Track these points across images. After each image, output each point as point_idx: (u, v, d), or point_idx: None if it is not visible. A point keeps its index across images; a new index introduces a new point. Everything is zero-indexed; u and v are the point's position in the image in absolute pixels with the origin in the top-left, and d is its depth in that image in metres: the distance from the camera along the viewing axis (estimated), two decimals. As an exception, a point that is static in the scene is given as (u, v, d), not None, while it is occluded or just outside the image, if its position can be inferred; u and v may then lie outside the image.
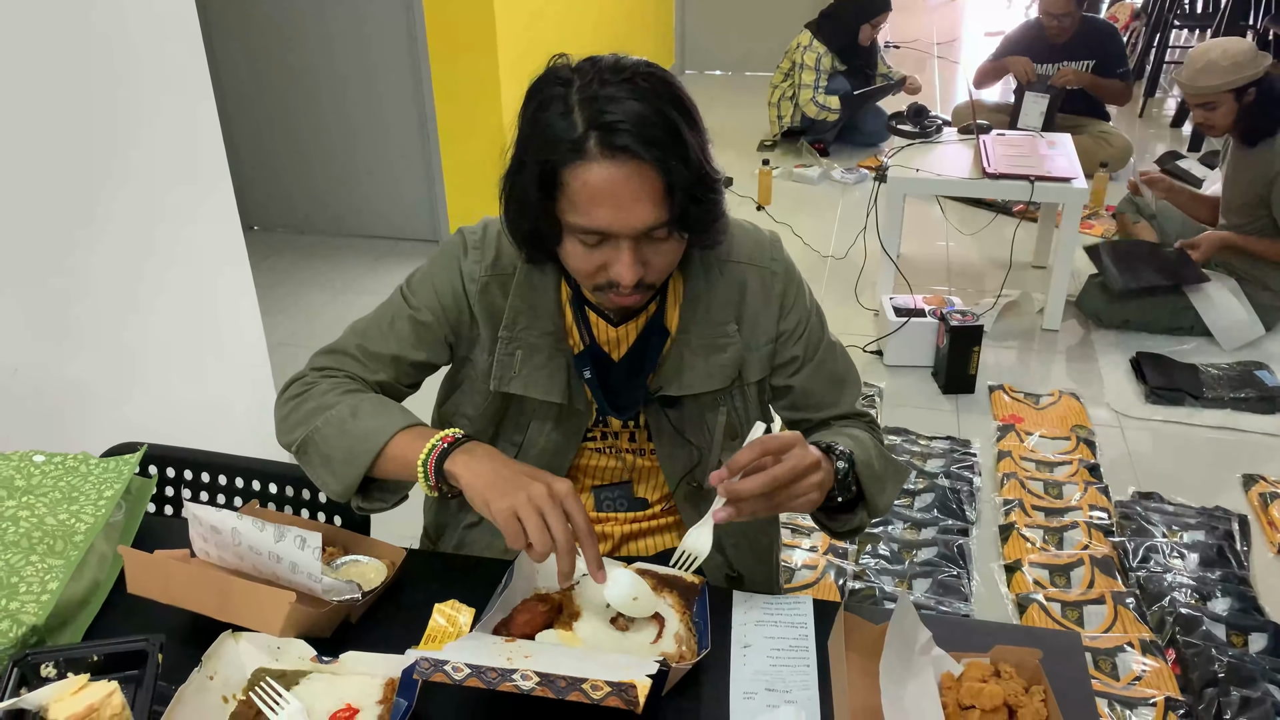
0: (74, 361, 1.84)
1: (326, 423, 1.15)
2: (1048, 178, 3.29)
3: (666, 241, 1.09)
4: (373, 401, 1.18)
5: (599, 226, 1.05)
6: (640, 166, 1.02)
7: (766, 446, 1.05)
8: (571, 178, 1.04)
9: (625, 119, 1.01)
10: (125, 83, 1.87)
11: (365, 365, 1.24)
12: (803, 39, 5.00)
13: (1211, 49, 3.13)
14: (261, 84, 4.12)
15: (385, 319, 1.26)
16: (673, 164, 1.02)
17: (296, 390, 1.22)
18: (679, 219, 1.06)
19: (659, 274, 1.12)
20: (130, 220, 1.92)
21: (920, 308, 3.24)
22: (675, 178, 1.02)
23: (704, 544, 1.10)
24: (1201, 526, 2.46)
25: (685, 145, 1.03)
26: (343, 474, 1.14)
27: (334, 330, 1.30)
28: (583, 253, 1.09)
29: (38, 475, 1.24)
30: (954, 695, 0.98)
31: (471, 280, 1.22)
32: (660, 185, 1.03)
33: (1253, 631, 2.10)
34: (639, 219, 1.04)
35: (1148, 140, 5.39)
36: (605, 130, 1.01)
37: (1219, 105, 3.14)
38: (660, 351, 1.23)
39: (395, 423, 1.13)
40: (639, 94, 1.02)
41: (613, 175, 1.02)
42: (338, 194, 4.32)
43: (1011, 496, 2.59)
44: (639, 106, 1.01)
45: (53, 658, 1.00)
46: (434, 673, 0.90)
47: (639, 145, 1.01)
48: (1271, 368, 3.13)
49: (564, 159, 1.03)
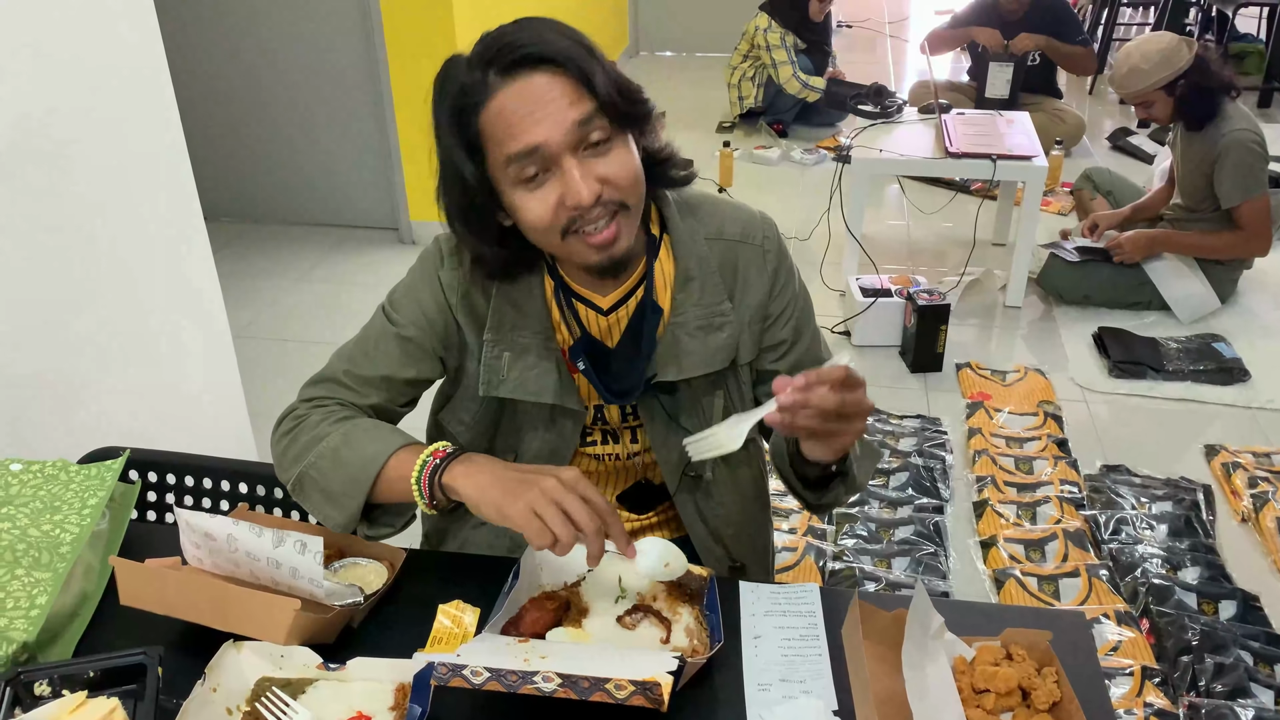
0: (35, 359, 1.78)
1: (320, 456, 1.12)
2: (1009, 156, 3.32)
3: (610, 145, 1.05)
4: (364, 426, 1.15)
5: (529, 144, 1.02)
6: (545, 73, 1.02)
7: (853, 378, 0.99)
8: (487, 118, 1.03)
9: (516, 43, 1.02)
10: (83, 74, 1.80)
11: (355, 391, 1.20)
12: (760, 21, 5.00)
13: (1131, 53, 3.20)
14: (220, 73, 4.02)
15: (370, 341, 1.21)
16: (578, 55, 1.02)
17: (289, 426, 1.18)
18: (606, 109, 1.03)
19: (623, 188, 1.06)
20: (90, 213, 1.86)
21: (886, 288, 3.26)
22: (585, 67, 1.02)
23: (735, 440, 1.04)
24: (1168, 498, 2.51)
25: (587, 46, 1.04)
26: (344, 504, 1.11)
27: (293, 319, 1.27)
28: (533, 196, 1.05)
29: (15, 485, 1.20)
30: (968, 679, 0.99)
31: (451, 289, 1.19)
32: (571, 80, 1.02)
33: (1222, 599, 2.16)
34: (563, 118, 1.02)
35: (1099, 117, 5.47)
36: (500, 58, 1.02)
37: (1154, 102, 3.22)
38: (656, 330, 1.20)
39: (390, 444, 1.11)
40: (526, 25, 1.04)
41: (521, 90, 1.02)
42: (296, 182, 4.23)
43: (984, 473, 2.63)
44: (527, 34, 1.03)
45: (46, 675, 0.97)
46: (452, 678, 0.88)
47: (535, 53, 1.01)
48: (1228, 340, 3.21)
49: (475, 101, 1.03)
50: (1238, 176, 3.12)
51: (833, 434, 1.02)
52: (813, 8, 4.96)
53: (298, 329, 3.36)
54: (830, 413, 0.97)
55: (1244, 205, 3.14)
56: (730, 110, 5.35)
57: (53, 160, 1.77)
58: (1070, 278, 3.44)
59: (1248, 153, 3.09)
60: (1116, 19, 6.15)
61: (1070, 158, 4.66)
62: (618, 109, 1.04)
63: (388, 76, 3.83)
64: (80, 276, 1.86)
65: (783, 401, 0.96)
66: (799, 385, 0.96)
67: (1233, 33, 5.71)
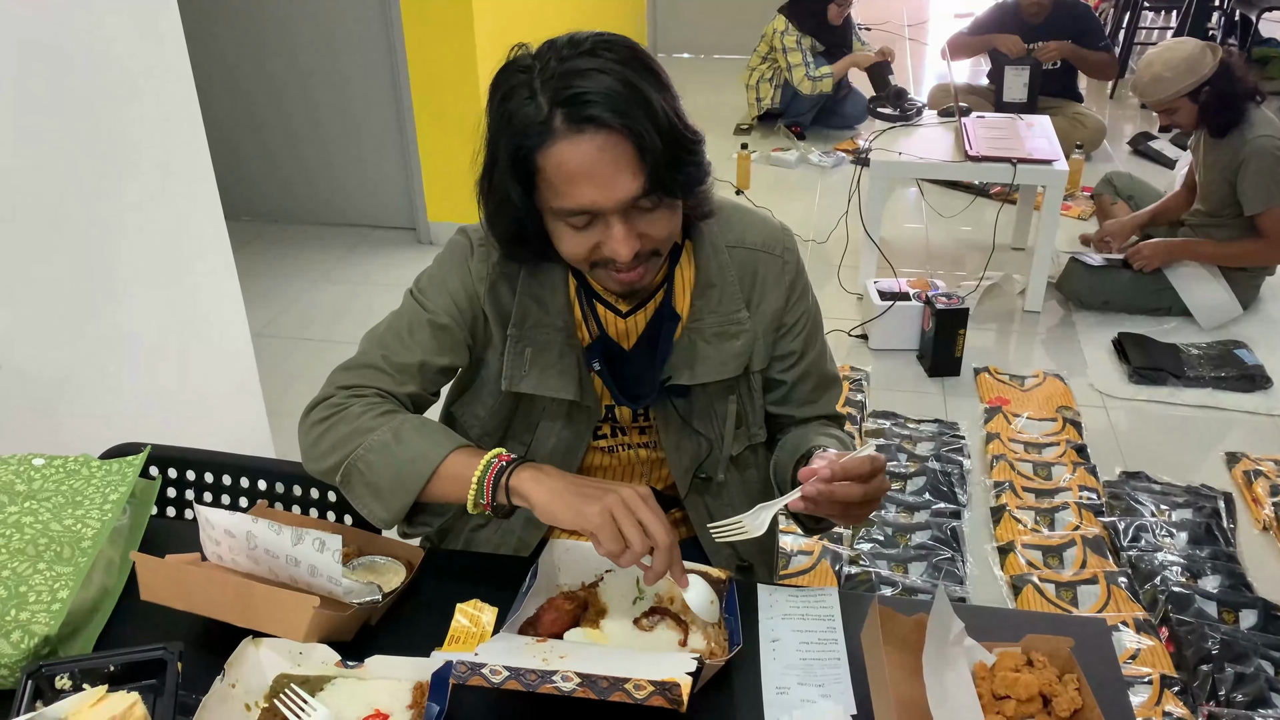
0: (57, 356, 1.79)
1: (369, 449, 1.12)
2: (1029, 160, 3.30)
3: (657, 210, 1.06)
4: (414, 424, 1.14)
5: (582, 205, 1.03)
6: (610, 136, 1.00)
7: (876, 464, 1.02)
8: (545, 161, 1.02)
9: (588, 90, 0.99)
10: (106, 74, 1.82)
11: (393, 378, 1.19)
12: (778, 24, 4.99)
13: (1154, 61, 3.17)
14: (239, 72, 4.04)
15: (403, 327, 1.21)
16: (643, 128, 1.00)
17: (324, 413, 1.17)
18: (658, 185, 1.03)
19: (659, 243, 1.09)
20: (112, 212, 1.87)
21: (905, 291, 3.25)
22: (647, 141, 1.00)
23: (760, 528, 1.06)
24: (1188, 505, 2.49)
25: (653, 108, 1.00)
26: (391, 501, 1.11)
27: (312, 318, 1.27)
28: (573, 236, 1.06)
29: (39, 479, 1.20)
30: (988, 685, 0.98)
31: (480, 280, 1.19)
32: (633, 151, 1.00)
33: (1243, 608, 2.13)
34: (621, 190, 1.02)
35: (1119, 121, 5.44)
36: (569, 105, 0.99)
37: (1177, 109, 3.19)
38: (673, 336, 1.21)
39: (446, 445, 1.11)
40: (600, 64, 1.00)
41: (584, 150, 1.00)
42: (315, 182, 4.25)
43: (1001, 478, 2.61)
44: (601, 76, 1.00)
45: (68, 669, 0.98)
46: (471, 676, 0.88)
47: (605, 114, 0.99)
48: (1250, 346, 3.18)
49: (535, 143, 1.01)
50: (1261, 183, 3.08)
51: (851, 516, 1.05)
52: (831, 11, 4.95)
53: (316, 328, 3.38)
54: (853, 504, 1.01)
55: (1266, 213, 3.11)
56: (748, 112, 5.34)
57: (75, 160, 1.78)
58: (1090, 282, 3.41)
59: (1273, 160, 3.06)
60: (1138, 23, 6.11)
61: (1091, 162, 4.63)
62: (674, 185, 1.04)
63: (407, 77, 3.84)
64: (102, 275, 1.87)
65: (807, 492, 1.00)
66: (824, 476, 1.00)
67: (1256, 37, 5.66)
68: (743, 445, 1.31)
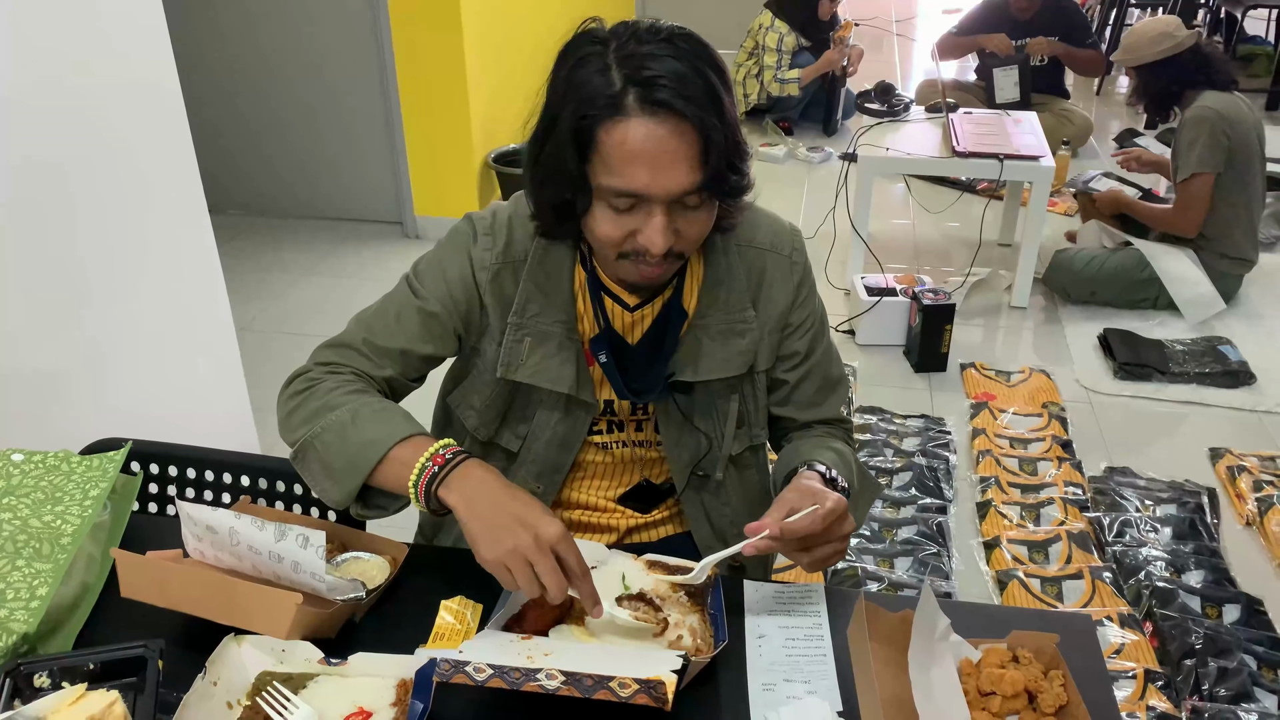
0: (40, 351, 1.77)
1: (327, 428, 1.11)
2: (1016, 156, 3.31)
3: (699, 210, 1.07)
4: (374, 407, 1.13)
5: (634, 188, 1.02)
6: (679, 125, 1.00)
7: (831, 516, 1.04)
8: (607, 135, 1.01)
9: (665, 75, 0.99)
10: (90, 68, 1.79)
11: (372, 361, 1.19)
12: (764, 19, 4.99)
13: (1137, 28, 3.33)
14: (224, 66, 4.01)
15: (391, 311, 1.20)
16: (711, 124, 1.00)
17: (300, 386, 1.17)
18: (714, 184, 1.04)
19: (689, 244, 1.10)
20: (95, 206, 1.85)
21: (892, 287, 3.25)
22: (713, 139, 1.01)
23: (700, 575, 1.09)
24: (1173, 500, 2.50)
25: (723, 107, 1.02)
26: (343, 482, 1.10)
27: (297, 313, 1.26)
28: (612, 218, 1.06)
29: (17, 475, 1.19)
30: (974, 682, 0.98)
31: (482, 268, 1.18)
32: (698, 146, 1.01)
33: (1226, 603, 2.15)
34: (675, 181, 1.02)
35: (1105, 118, 5.45)
36: (645, 86, 0.99)
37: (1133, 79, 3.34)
38: (679, 333, 1.21)
39: (395, 433, 1.09)
40: (678, 53, 1.01)
41: (651, 133, 1.00)
42: (301, 175, 4.23)
43: (987, 474, 2.62)
44: (678, 65, 1.00)
45: (46, 667, 0.96)
46: (455, 674, 0.88)
47: (679, 101, 0.99)
48: (1235, 343, 3.19)
49: (601, 115, 1.01)
50: (1183, 151, 3.19)
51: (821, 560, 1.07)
52: (822, 6, 4.94)
53: (302, 323, 3.36)
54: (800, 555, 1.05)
55: (1189, 179, 3.18)
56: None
57: (57, 155, 1.76)
58: (1076, 271, 3.43)
59: (1197, 128, 3.13)
60: (1125, 20, 6.13)
61: (1077, 158, 4.65)
62: (723, 188, 1.06)
63: (394, 70, 3.82)
64: (84, 269, 1.85)
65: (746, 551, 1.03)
66: (774, 534, 1.02)
67: (1241, 35, 5.69)
68: (743, 445, 1.30)
